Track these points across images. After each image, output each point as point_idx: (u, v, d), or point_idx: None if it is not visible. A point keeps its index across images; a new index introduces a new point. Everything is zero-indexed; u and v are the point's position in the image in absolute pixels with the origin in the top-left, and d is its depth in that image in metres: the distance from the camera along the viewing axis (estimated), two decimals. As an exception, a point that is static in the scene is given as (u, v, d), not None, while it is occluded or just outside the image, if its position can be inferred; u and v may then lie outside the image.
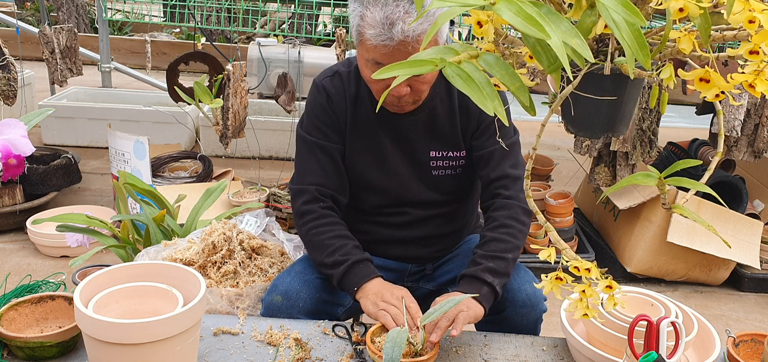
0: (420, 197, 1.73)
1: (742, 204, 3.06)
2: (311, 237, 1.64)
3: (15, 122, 1.57)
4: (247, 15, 4.47)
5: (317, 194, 1.66)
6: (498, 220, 1.62)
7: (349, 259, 1.58)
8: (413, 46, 1.42)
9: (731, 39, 0.87)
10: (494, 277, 1.53)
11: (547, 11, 0.74)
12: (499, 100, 0.76)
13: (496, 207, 1.64)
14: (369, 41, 1.45)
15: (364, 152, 1.69)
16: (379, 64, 1.47)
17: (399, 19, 1.41)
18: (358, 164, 1.70)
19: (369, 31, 1.44)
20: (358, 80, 1.68)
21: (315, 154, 1.68)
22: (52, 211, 3.05)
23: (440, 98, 1.67)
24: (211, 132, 4.15)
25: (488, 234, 1.61)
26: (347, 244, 1.61)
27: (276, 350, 1.45)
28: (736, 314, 2.88)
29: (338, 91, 1.68)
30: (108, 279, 1.32)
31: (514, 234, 1.60)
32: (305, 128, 1.70)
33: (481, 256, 1.57)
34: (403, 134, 1.68)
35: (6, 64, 2.99)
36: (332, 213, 1.67)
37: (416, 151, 1.69)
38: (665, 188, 1.02)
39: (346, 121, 1.68)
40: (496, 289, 1.52)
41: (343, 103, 1.68)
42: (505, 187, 1.65)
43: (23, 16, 7.60)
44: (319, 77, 1.72)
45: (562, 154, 4.23)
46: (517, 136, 1.71)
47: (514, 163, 1.68)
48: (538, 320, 1.63)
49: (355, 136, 1.69)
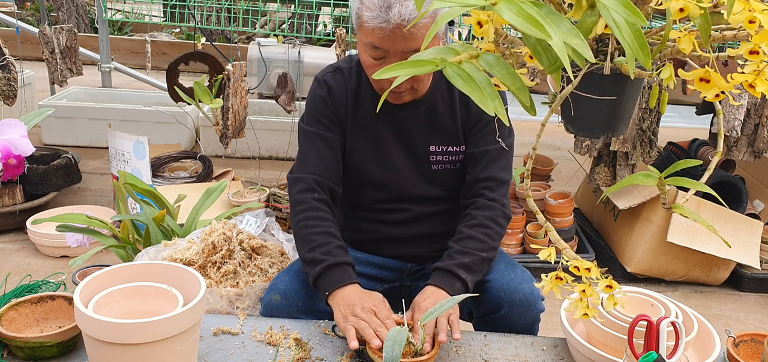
0: (420, 192, 1.73)
1: (742, 204, 3.06)
2: (299, 229, 1.61)
3: (15, 122, 1.57)
4: (247, 15, 4.47)
5: (313, 184, 1.64)
6: (477, 219, 1.62)
7: (328, 260, 1.52)
8: (409, 31, 1.45)
9: (731, 39, 0.87)
10: (467, 274, 1.53)
11: (548, 11, 0.74)
12: (500, 100, 0.76)
13: (478, 206, 1.65)
14: (367, 24, 1.48)
15: (364, 146, 1.70)
16: (375, 48, 1.50)
17: (396, 2, 1.44)
18: (358, 158, 1.71)
19: (367, 13, 1.47)
20: (359, 75, 1.69)
21: (315, 143, 1.68)
22: (52, 211, 3.05)
23: (441, 93, 1.68)
24: (211, 132, 4.15)
25: (466, 230, 1.61)
26: (330, 243, 1.56)
27: (276, 350, 1.45)
28: (736, 314, 2.88)
29: (339, 85, 1.69)
30: (108, 279, 1.32)
31: (491, 236, 1.61)
32: (306, 121, 1.71)
33: (457, 251, 1.57)
34: (404, 128, 1.69)
35: (6, 64, 2.99)
36: (325, 207, 1.64)
37: (416, 145, 1.70)
38: (665, 188, 1.02)
39: (347, 115, 1.69)
40: (468, 286, 1.53)
41: (344, 97, 1.68)
42: (491, 189, 1.65)
43: (23, 16, 7.60)
44: (321, 73, 1.74)
45: (562, 154, 4.23)
46: (512, 138, 1.71)
47: (504, 166, 1.68)
48: (535, 320, 1.62)
49: (355, 130, 1.69)
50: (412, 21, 1.43)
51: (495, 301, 1.60)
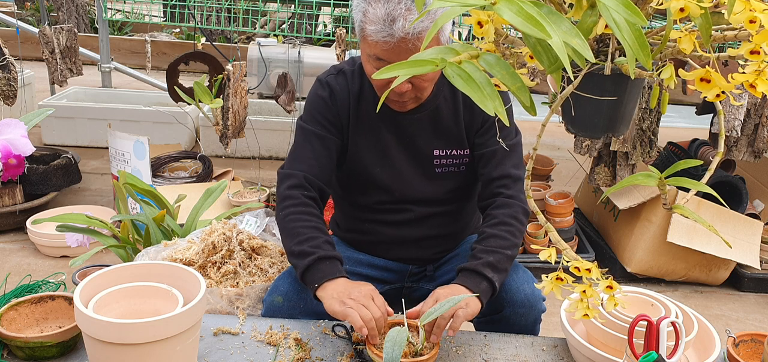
0: (423, 194, 1.72)
1: (742, 204, 3.06)
2: (286, 223, 1.58)
3: (15, 122, 1.57)
4: (247, 15, 4.46)
5: (304, 181, 1.62)
6: (498, 218, 1.61)
7: (317, 253, 1.50)
8: (414, 44, 1.43)
9: (732, 39, 0.87)
10: (494, 272, 1.51)
11: (548, 11, 0.74)
12: (500, 100, 0.76)
13: (498, 205, 1.64)
14: (370, 37, 1.46)
15: (367, 149, 1.69)
16: (380, 59, 1.47)
17: (400, 16, 1.41)
18: (361, 160, 1.70)
19: (370, 27, 1.44)
20: (361, 77, 1.68)
21: (310, 142, 1.66)
22: (52, 211, 3.05)
23: (444, 96, 1.67)
24: (211, 132, 4.15)
25: (488, 230, 1.60)
26: (319, 237, 1.54)
27: (276, 350, 1.45)
28: (736, 314, 2.88)
29: (342, 88, 1.68)
30: (108, 279, 1.32)
31: (514, 233, 1.60)
32: (305, 119, 1.70)
33: (481, 251, 1.55)
34: (407, 131, 1.68)
35: (6, 64, 2.98)
36: (314, 204, 1.62)
37: (420, 149, 1.69)
38: (665, 188, 1.02)
39: (349, 118, 1.68)
40: (495, 285, 1.51)
41: (347, 100, 1.67)
42: (507, 187, 1.64)
43: (23, 16, 7.59)
44: (324, 74, 1.72)
45: (562, 154, 4.23)
46: (519, 137, 1.71)
47: (516, 163, 1.67)
48: (536, 320, 1.62)
49: (358, 133, 1.68)
50: (415, 34, 1.41)
51: (496, 302, 1.59)
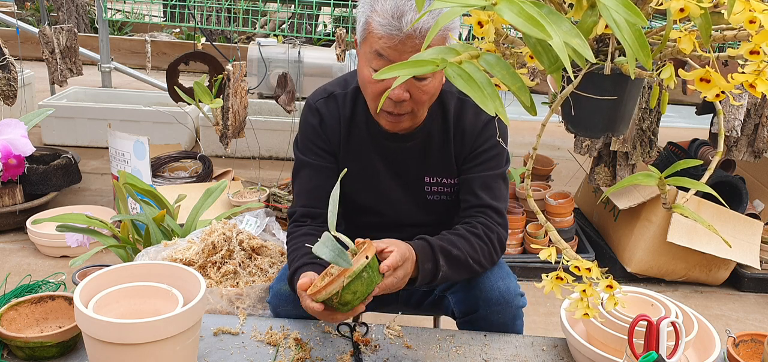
0: (414, 219, 1.70)
1: (742, 204, 3.06)
2: (288, 257, 1.62)
3: (15, 122, 1.57)
4: (247, 15, 4.46)
5: (300, 217, 1.65)
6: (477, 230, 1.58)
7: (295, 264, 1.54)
8: (419, 43, 1.41)
9: (732, 39, 0.87)
10: (446, 262, 1.49)
11: (548, 11, 0.74)
12: (500, 100, 0.76)
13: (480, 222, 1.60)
14: (376, 31, 1.43)
15: (357, 175, 1.65)
16: (381, 57, 1.44)
17: (410, 9, 1.40)
18: (351, 186, 1.64)
19: (378, 20, 1.42)
20: (353, 102, 1.65)
21: (306, 172, 1.67)
22: (52, 211, 3.05)
23: (436, 125, 1.64)
24: (211, 132, 4.15)
25: (462, 230, 1.57)
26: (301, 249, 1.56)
27: (276, 350, 1.45)
28: (736, 314, 2.88)
29: (332, 113, 1.65)
30: (108, 279, 1.32)
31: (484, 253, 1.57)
32: (299, 147, 1.70)
33: (448, 241, 1.52)
34: (398, 159, 1.66)
35: (6, 64, 2.98)
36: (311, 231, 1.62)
37: (410, 176, 1.67)
38: (665, 188, 1.02)
39: (340, 144, 1.66)
40: (437, 274, 1.49)
41: (337, 126, 1.65)
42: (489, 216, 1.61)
43: (23, 16, 7.60)
44: (313, 97, 1.69)
45: (562, 154, 4.23)
46: (508, 166, 1.68)
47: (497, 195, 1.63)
48: (516, 317, 1.59)
49: (348, 158, 1.66)
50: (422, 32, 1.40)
51: (471, 301, 1.58)
